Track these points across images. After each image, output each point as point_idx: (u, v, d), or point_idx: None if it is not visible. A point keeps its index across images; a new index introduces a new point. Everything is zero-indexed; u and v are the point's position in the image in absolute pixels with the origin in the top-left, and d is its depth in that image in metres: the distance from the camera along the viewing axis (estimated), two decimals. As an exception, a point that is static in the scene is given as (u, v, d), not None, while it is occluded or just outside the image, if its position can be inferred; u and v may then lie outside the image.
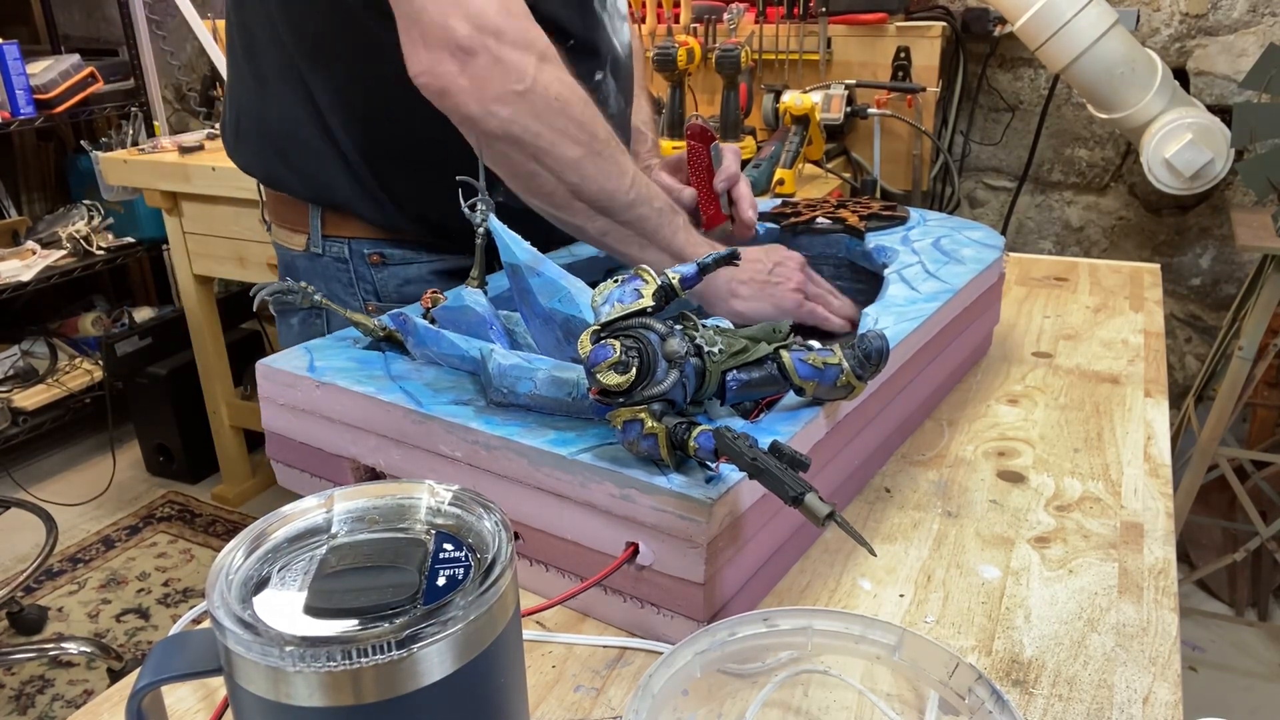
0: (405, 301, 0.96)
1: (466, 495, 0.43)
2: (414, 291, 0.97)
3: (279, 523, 0.41)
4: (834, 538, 0.69)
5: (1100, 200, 2.48)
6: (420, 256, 0.99)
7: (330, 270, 0.99)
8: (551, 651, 0.59)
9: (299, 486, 0.75)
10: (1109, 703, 0.54)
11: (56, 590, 2.35)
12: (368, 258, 0.98)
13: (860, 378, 0.61)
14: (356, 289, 0.99)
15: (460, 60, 0.75)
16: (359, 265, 0.98)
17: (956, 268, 0.88)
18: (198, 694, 0.56)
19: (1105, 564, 0.66)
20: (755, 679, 0.52)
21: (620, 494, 0.56)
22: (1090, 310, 1.12)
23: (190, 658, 0.39)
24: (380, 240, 0.97)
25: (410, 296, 0.97)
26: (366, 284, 0.98)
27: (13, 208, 3.02)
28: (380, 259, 0.97)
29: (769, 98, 2.15)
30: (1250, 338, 1.85)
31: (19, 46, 2.58)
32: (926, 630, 0.60)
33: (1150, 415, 0.87)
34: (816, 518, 0.48)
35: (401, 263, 0.98)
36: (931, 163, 2.40)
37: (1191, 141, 1.96)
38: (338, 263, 0.98)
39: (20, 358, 2.79)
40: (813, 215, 1.04)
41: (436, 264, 0.99)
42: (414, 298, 0.93)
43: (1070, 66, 1.97)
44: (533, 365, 0.63)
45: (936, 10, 2.35)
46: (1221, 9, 2.19)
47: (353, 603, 0.36)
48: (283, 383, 0.71)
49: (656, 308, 0.57)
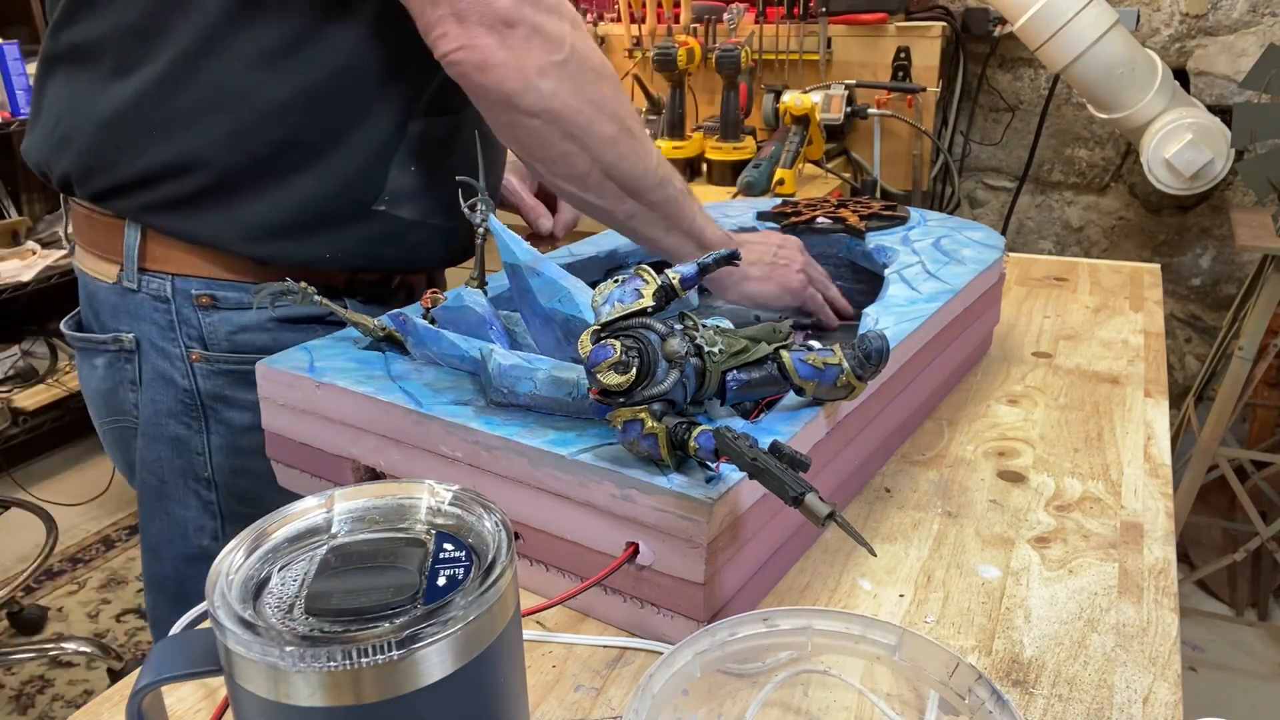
0: (236, 352, 0.84)
1: (466, 495, 0.43)
2: (247, 341, 0.84)
3: (279, 523, 0.41)
4: (834, 538, 0.69)
5: (1100, 200, 2.48)
6: None
7: (144, 310, 0.83)
8: (551, 651, 0.59)
9: (299, 486, 0.75)
10: (1109, 703, 0.54)
11: (56, 590, 2.35)
12: (195, 298, 0.83)
13: (860, 378, 0.61)
14: (178, 334, 0.83)
15: (500, 34, 0.71)
16: (183, 306, 0.83)
17: (957, 268, 0.88)
18: (198, 694, 0.56)
19: (1105, 564, 0.66)
20: (755, 679, 0.52)
21: (620, 494, 0.56)
22: (1090, 310, 1.12)
23: (190, 658, 0.39)
24: (212, 279, 0.83)
25: (243, 346, 0.84)
26: (190, 329, 0.83)
27: (13, 208, 3.02)
28: (210, 301, 0.83)
29: (769, 98, 2.15)
30: (1250, 338, 1.85)
31: (19, 46, 2.58)
32: (926, 630, 0.60)
33: (1150, 415, 0.87)
34: (816, 518, 0.48)
35: (236, 307, 0.84)
36: (931, 163, 2.40)
37: (1191, 141, 1.96)
38: (156, 301, 0.83)
39: (20, 358, 2.79)
40: (813, 215, 1.04)
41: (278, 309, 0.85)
42: (247, 348, 0.84)
43: (1070, 66, 1.97)
44: (533, 365, 0.63)
45: (936, 10, 2.35)
46: (1221, 9, 2.19)
47: (353, 603, 0.36)
48: (283, 383, 0.71)
49: (657, 308, 0.57)
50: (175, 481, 0.87)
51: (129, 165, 0.79)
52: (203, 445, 0.86)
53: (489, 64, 0.71)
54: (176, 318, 0.83)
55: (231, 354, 0.84)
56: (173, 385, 0.84)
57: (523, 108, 0.73)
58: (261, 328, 0.85)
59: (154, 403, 0.85)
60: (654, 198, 0.80)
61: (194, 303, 0.83)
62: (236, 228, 0.81)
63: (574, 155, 0.76)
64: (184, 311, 0.83)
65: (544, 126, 0.74)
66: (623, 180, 0.78)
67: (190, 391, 0.84)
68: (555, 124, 0.74)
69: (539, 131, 0.74)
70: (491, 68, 0.71)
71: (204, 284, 0.83)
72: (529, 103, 0.73)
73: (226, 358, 0.84)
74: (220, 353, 0.84)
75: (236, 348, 0.84)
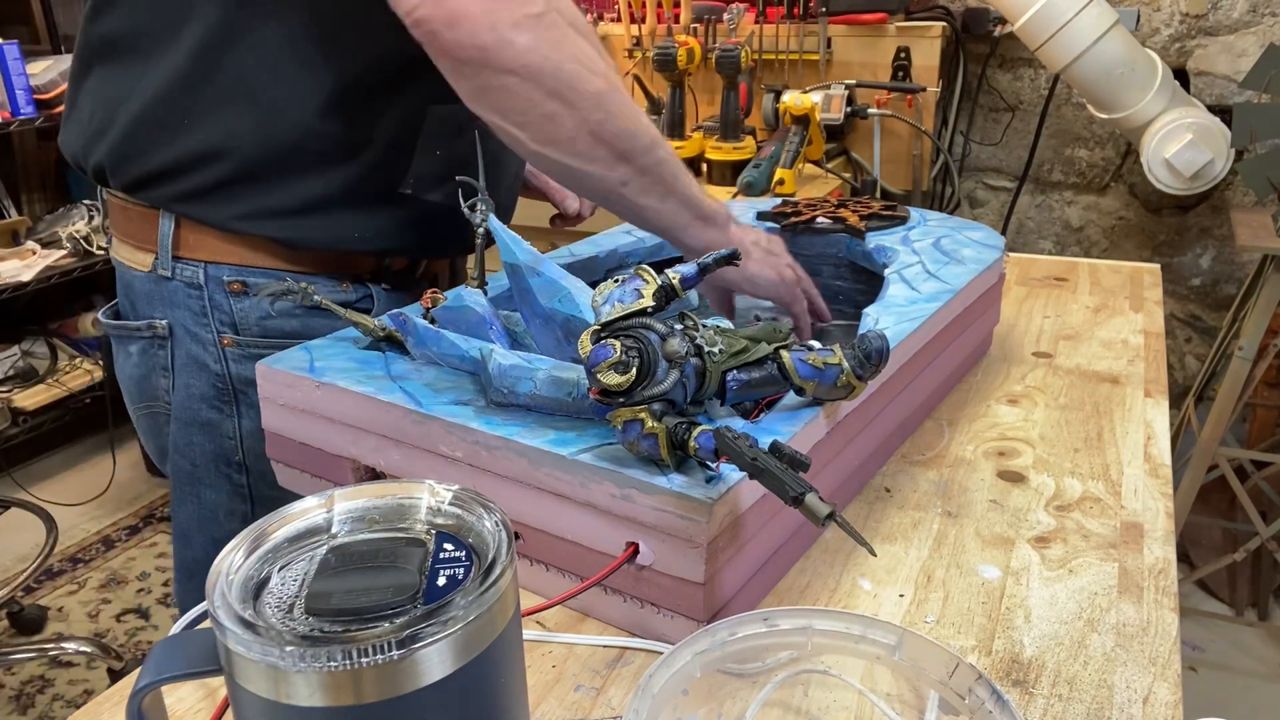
0: (266, 337, 0.85)
1: (467, 495, 0.43)
2: (277, 326, 0.86)
3: (279, 523, 0.41)
4: (834, 538, 0.69)
5: (1100, 200, 2.48)
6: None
7: (178, 297, 0.85)
8: (551, 651, 0.59)
9: (299, 486, 0.75)
10: (1109, 703, 0.54)
11: (56, 590, 2.35)
12: (226, 285, 0.84)
13: (860, 378, 0.61)
14: (210, 320, 0.85)
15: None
16: (215, 293, 0.84)
17: (957, 268, 0.88)
18: (198, 694, 0.56)
19: (1105, 564, 0.66)
20: (755, 679, 0.52)
21: (620, 494, 0.56)
22: (1090, 310, 1.12)
23: (190, 658, 0.39)
24: (243, 266, 0.84)
25: (273, 332, 0.85)
26: (223, 314, 0.85)
27: (13, 208, 3.02)
28: (241, 287, 0.84)
29: (769, 98, 2.15)
30: (1250, 338, 1.85)
31: (19, 46, 2.58)
32: (926, 630, 0.60)
33: (1150, 415, 0.87)
34: (816, 518, 0.48)
35: None
36: (931, 163, 2.40)
37: (1191, 141, 1.96)
38: (189, 289, 0.85)
39: (20, 358, 2.79)
40: (813, 215, 1.04)
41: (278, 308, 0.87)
42: (276, 333, 0.85)
43: (1070, 66, 1.97)
44: (533, 365, 0.63)
45: (936, 10, 2.35)
46: (1221, 9, 2.19)
47: (353, 603, 0.36)
48: (283, 383, 0.71)
49: (657, 308, 0.57)
50: (207, 466, 0.88)
51: (159, 155, 0.80)
52: (234, 429, 0.87)
53: (459, 18, 0.66)
54: (209, 304, 0.84)
55: (263, 338, 0.85)
56: (205, 370, 0.86)
57: (498, 64, 0.68)
58: (291, 313, 0.86)
59: (187, 388, 0.87)
60: (647, 160, 0.75)
61: (226, 289, 0.84)
62: (265, 213, 0.81)
63: (560, 116, 0.70)
64: (216, 298, 0.84)
65: (522, 85, 0.69)
66: (614, 141, 0.72)
67: (222, 376, 0.86)
68: (535, 81, 0.69)
69: (517, 91, 0.69)
70: (461, 21, 0.66)
71: (236, 271, 0.84)
72: (505, 59, 0.67)
73: (257, 342, 0.85)
74: (251, 337, 0.85)
75: (267, 333, 0.85)
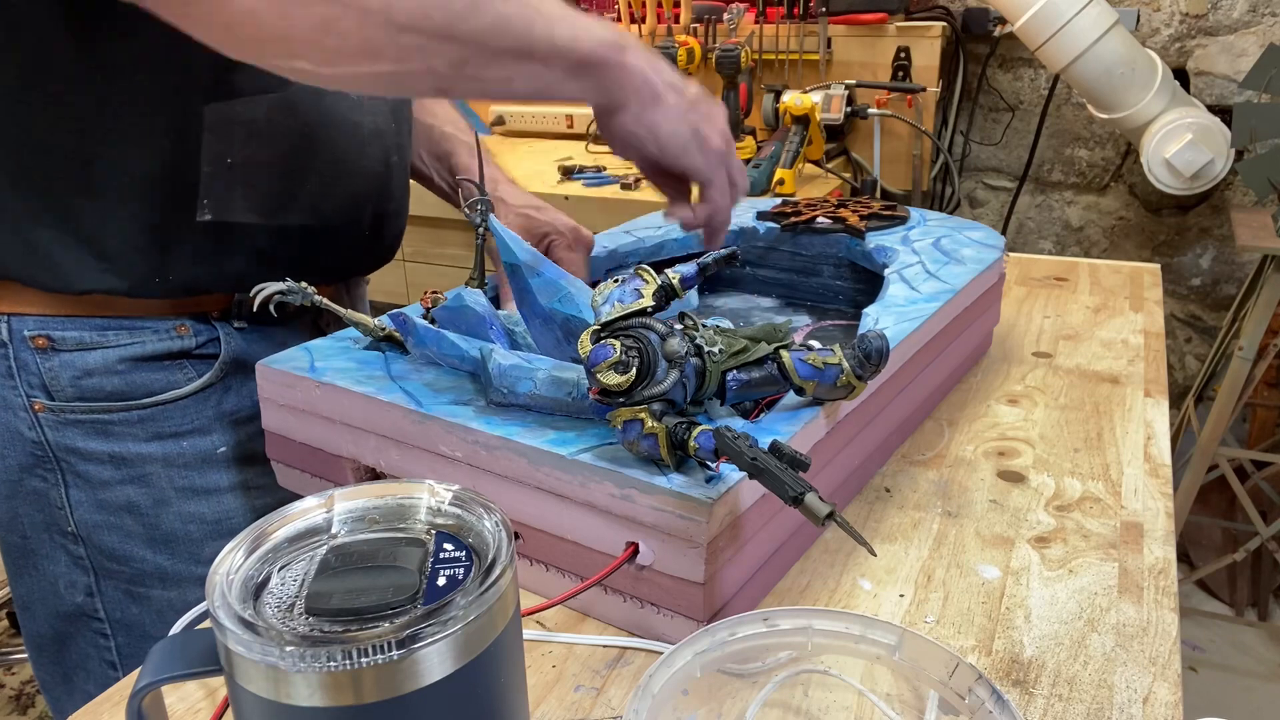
0: (83, 399, 0.74)
1: (466, 495, 0.43)
2: (95, 386, 0.74)
3: (279, 523, 0.41)
4: (834, 538, 0.69)
5: (1100, 200, 2.48)
6: (106, 339, 0.74)
7: None
8: (551, 651, 0.59)
9: (299, 486, 0.75)
10: (1109, 703, 0.54)
11: (56, 590, 2.35)
12: (30, 340, 0.73)
13: (860, 378, 0.61)
14: (18, 382, 0.73)
15: None
16: (20, 350, 0.73)
17: (957, 268, 0.88)
18: (198, 694, 0.56)
19: (1105, 564, 0.66)
20: (755, 679, 0.52)
21: (620, 494, 0.56)
22: (1090, 310, 1.12)
23: (190, 658, 0.39)
24: (48, 316, 0.73)
25: (90, 393, 0.74)
26: (31, 376, 0.73)
27: None
28: (47, 343, 0.73)
29: (769, 98, 2.15)
30: (1250, 338, 1.85)
31: None
32: (926, 630, 0.60)
33: (1150, 415, 0.87)
34: (816, 518, 0.48)
35: (77, 348, 0.74)
36: (931, 163, 2.40)
37: (1191, 141, 1.96)
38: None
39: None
40: (813, 215, 1.04)
41: (131, 346, 0.75)
42: (95, 395, 0.75)
43: (1070, 66, 1.97)
44: (533, 365, 0.63)
45: (936, 10, 2.35)
46: (1221, 9, 2.19)
47: (353, 603, 0.36)
48: (283, 383, 0.71)
49: (657, 308, 0.57)
50: (39, 537, 0.79)
51: None
52: (62, 499, 0.77)
53: None
54: (15, 363, 0.73)
55: (78, 402, 0.74)
56: (20, 438, 0.76)
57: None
58: (111, 370, 0.74)
59: (4, 457, 0.77)
60: (479, 23, 0.57)
61: (30, 345, 0.73)
62: (44, 262, 0.71)
63: (334, 18, 0.53)
64: (22, 356, 0.73)
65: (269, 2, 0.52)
66: (420, 21, 0.55)
67: (40, 443, 0.76)
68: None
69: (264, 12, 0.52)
70: None
71: (39, 322, 0.73)
72: None
73: (73, 407, 0.75)
74: (65, 401, 0.74)
75: (83, 395, 0.74)
